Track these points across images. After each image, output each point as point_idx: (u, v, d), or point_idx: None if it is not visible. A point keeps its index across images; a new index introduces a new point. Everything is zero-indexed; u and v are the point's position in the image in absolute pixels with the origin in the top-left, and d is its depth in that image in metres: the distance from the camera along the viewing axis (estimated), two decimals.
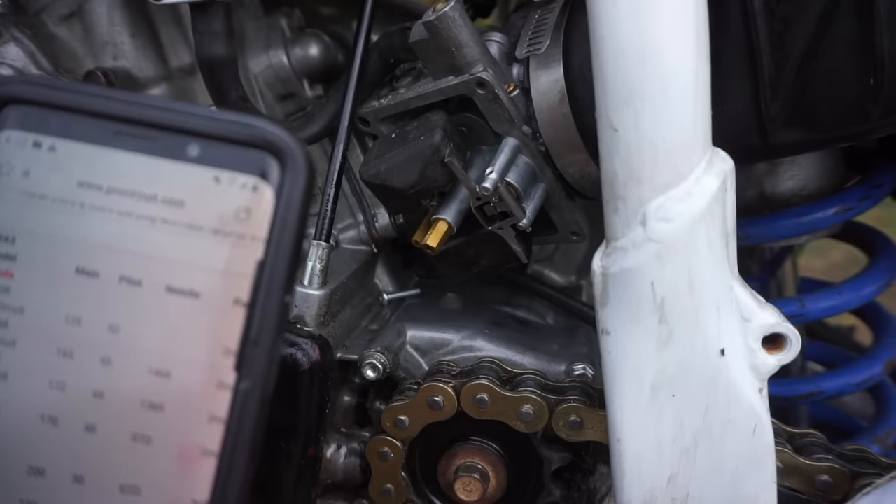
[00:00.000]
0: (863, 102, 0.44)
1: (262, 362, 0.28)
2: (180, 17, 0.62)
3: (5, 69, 0.56)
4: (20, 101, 0.28)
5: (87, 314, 0.28)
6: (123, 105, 0.28)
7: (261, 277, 0.28)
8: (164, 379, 0.28)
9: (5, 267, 0.28)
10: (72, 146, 0.28)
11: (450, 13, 0.51)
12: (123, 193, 0.28)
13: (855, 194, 0.63)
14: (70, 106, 0.28)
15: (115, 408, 0.28)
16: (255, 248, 0.28)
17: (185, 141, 0.28)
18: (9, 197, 0.28)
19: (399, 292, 0.71)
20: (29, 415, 0.28)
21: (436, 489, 0.62)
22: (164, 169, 0.28)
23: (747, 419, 0.43)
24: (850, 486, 0.49)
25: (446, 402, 0.56)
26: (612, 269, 0.42)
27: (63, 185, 0.28)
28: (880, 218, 0.73)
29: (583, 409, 0.54)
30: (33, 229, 0.28)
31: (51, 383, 0.28)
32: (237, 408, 0.27)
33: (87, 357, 0.28)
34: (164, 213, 0.28)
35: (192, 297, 0.28)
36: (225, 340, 0.28)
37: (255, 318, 0.28)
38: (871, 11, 0.41)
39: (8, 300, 0.28)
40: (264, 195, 0.28)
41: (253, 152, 0.28)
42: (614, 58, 0.39)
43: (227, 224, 0.28)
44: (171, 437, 0.28)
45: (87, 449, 0.28)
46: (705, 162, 0.40)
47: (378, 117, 0.60)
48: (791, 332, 0.42)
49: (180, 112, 0.28)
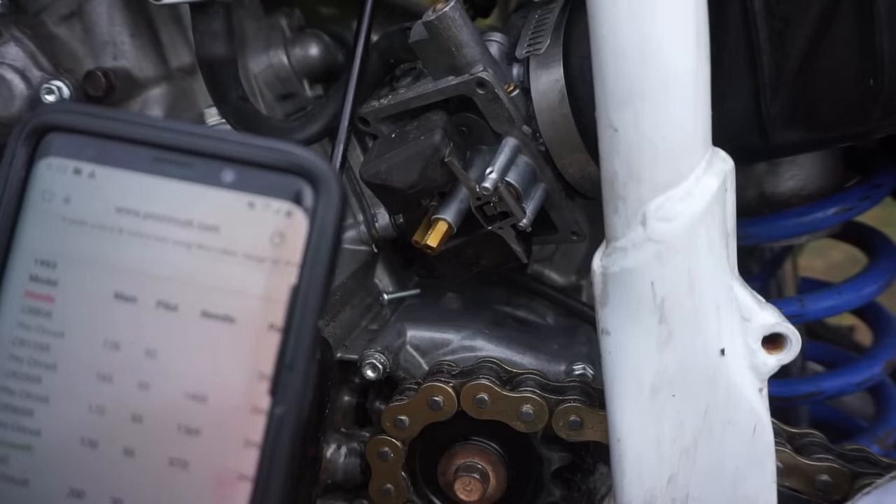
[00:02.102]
0: (863, 103, 0.44)
1: (296, 387, 0.28)
2: (180, 17, 0.62)
3: (5, 69, 0.56)
4: (60, 128, 0.29)
5: (126, 339, 0.28)
6: (160, 132, 0.29)
7: (295, 302, 0.28)
8: (200, 403, 0.28)
9: (47, 292, 0.28)
10: (110, 173, 0.29)
11: (450, 13, 0.51)
12: (160, 219, 0.28)
13: (855, 194, 0.63)
14: (108, 133, 0.29)
15: (152, 432, 0.28)
16: (289, 273, 0.28)
17: (220, 167, 0.28)
18: (50, 223, 0.28)
19: (399, 292, 0.71)
20: (69, 438, 0.28)
21: (436, 489, 0.62)
22: (200, 194, 0.28)
23: (747, 419, 0.43)
24: (850, 486, 0.49)
25: (446, 402, 0.56)
26: (612, 269, 0.42)
27: (102, 212, 0.28)
28: (880, 218, 0.73)
29: (583, 409, 0.54)
30: (74, 255, 0.28)
31: (90, 407, 0.28)
32: (272, 432, 0.28)
33: (126, 381, 0.28)
34: (200, 238, 0.28)
35: (227, 322, 0.28)
36: (260, 365, 0.28)
37: (289, 342, 0.28)
38: (871, 12, 0.41)
39: (49, 324, 0.28)
40: (298, 220, 0.28)
41: (287, 178, 0.28)
42: (614, 58, 0.39)
43: (262, 249, 0.28)
44: (208, 462, 0.28)
45: (126, 472, 0.28)
46: (705, 162, 0.40)
47: (378, 117, 0.60)
48: (791, 332, 0.42)
49: (215, 138, 0.29)
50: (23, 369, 0.28)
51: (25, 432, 0.28)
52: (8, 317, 0.28)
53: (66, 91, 0.57)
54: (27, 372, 0.28)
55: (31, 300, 0.28)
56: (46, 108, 0.29)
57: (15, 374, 0.28)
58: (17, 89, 0.56)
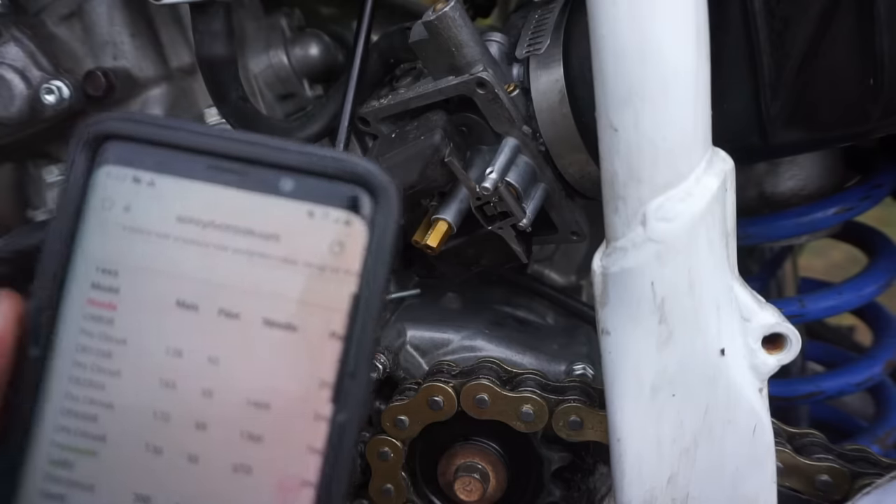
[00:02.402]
0: (863, 102, 0.44)
1: (357, 394, 0.28)
2: (180, 17, 0.62)
3: (5, 69, 0.56)
4: (119, 137, 0.29)
5: (188, 346, 0.28)
6: (219, 141, 0.29)
7: (356, 310, 0.28)
8: (263, 410, 0.28)
9: (109, 299, 0.28)
10: (170, 181, 0.29)
11: (450, 13, 0.50)
12: (220, 228, 0.28)
13: (855, 194, 0.63)
14: (168, 142, 0.29)
15: (216, 438, 0.28)
16: (349, 282, 0.28)
17: (280, 175, 0.28)
18: (111, 232, 0.29)
19: (399, 292, 0.71)
20: (134, 443, 0.28)
21: (436, 489, 0.62)
22: (260, 203, 0.28)
23: (747, 419, 0.43)
24: (850, 486, 0.49)
25: (446, 402, 0.56)
26: (612, 269, 0.42)
27: (162, 220, 0.28)
28: (880, 218, 0.73)
29: (583, 409, 0.54)
30: (135, 263, 0.28)
31: (155, 414, 0.28)
32: (334, 439, 0.28)
33: (189, 388, 0.28)
34: (260, 246, 0.28)
35: (289, 330, 0.28)
36: (322, 373, 0.28)
37: (350, 350, 0.28)
38: (872, 11, 0.41)
39: (112, 331, 0.28)
40: (357, 229, 0.28)
41: (346, 187, 0.28)
42: (614, 58, 0.39)
43: (322, 258, 0.28)
44: (271, 468, 0.28)
45: (190, 478, 0.28)
46: (705, 162, 0.40)
47: (378, 117, 0.60)
48: (791, 332, 0.42)
49: (275, 147, 0.29)
50: (86, 375, 0.28)
51: (90, 438, 0.28)
52: (71, 324, 0.29)
53: (66, 91, 0.57)
54: (91, 378, 0.28)
55: (93, 308, 0.28)
56: (103, 117, 0.29)
57: (79, 380, 0.28)
58: (16, 89, 0.56)
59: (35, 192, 0.66)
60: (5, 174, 0.67)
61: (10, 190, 0.67)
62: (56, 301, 0.29)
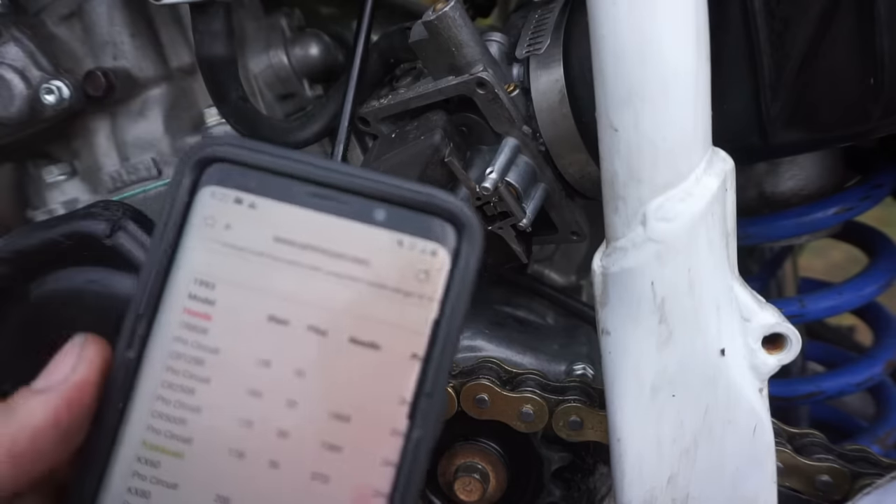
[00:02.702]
0: (863, 102, 0.44)
1: (432, 413, 0.29)
2: (180, 17, 0.62)
3: (5, 69, 0.56)
4: (224, 160, 0.31)
5: (277, 358, 0.30)
6: (318, 170, 0.30)
7: (436, 335, 0.30)
8: (343, 423, 0.29)
9: (205, 310, 0.30)
10: (270, 204, 0.30)
11: (450, 13, 0.50)
12: (315, 250, 0.30)
13: (855, 194, 0.63)
14: (270, 168, 0.30)
15: (297, 447, 0.29)
16: (432, 308, 0.30)
17: (373, 206, 0.30)
18: (212, 247, 0.30)
19: None
20: (219, 448, 0.29)
21: (436, 489, 0.62)
22: (353, 230, 0.30)
23: (747, 419, 0.43)
24: (851, 487, 0.49)
25: (446, 402, 0.56)
26: (612, 269, 0.42)
27: (260, 240, 0.30)
28: (880, 218, 0.73)
29: (583, 409, 0.54)
30: (232, 278, 0.30)
31: (240, 420, 0.30)
32: (408, 454, 0.29)
33: (275, 398, 0.30)
34: (351, 270, 0.30)
35: (372, 348, 0.30)
36: (401, 391, 0.29)
37: (429, 371, 0.29)
38: (872, 12, 0.41)
39: (205, 340, 0.30)
40: (442, 260, 0.30)
41: (435, 220, 0.30)
42: (614, 58, 0.39)
43: (408, 284, 0.30)
44: (348, 478, 0.29)
45: (271, 483, 0.29)
46: (705, 162, 0.40)
47: (378, 117, 0.60)
48: (791, 332, 0.42)
49: (371, 179, 0.30)
50: (178, 381, 0.30)
51: (177, 440, 0.30)
52: (167, 330, 0.30)
53: (66, 91, 0.57)
54: (182, 383, 0.30)
55: (189, 317, 0.30)
56: (210, 141, 0.31)
57: (171, 384, 0.30)
58: (16, 89, 0.56)
59: (35, 192, 0.66)
60: (5, 174, 0.67)
61: (10, 190, 0.67)
62: (154, 308, 0.30)
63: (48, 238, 0.54)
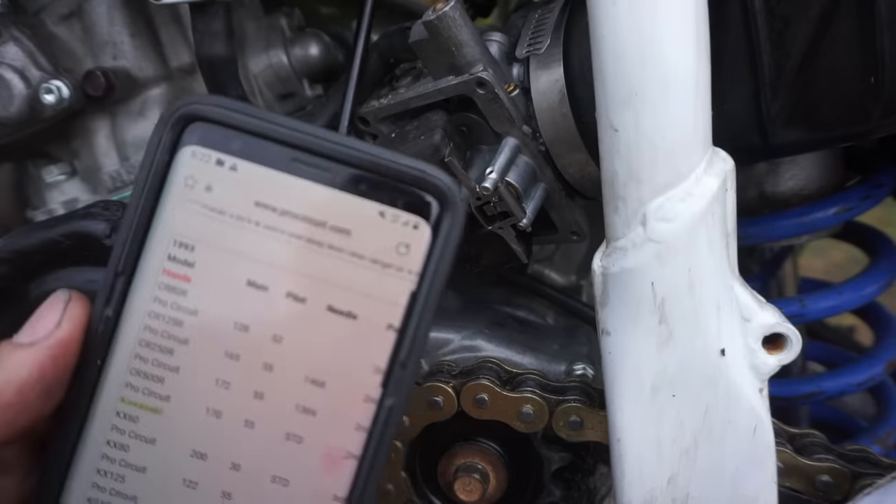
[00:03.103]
0: (863, 102, 0.43)
1: (405, 383, 0.30)
2: (180, 17, 0.62)
3: (4, 69, 0.56)
4: (206, 119, 0.30)
5: (254, 323, 0.30)
6: (302, 135, 0.30)
7: (412, 307, 0.30)
8: (318, 388, 0.30)
9: (184, 272, 0.30)
10: (252, 168, 0.30)
11: (450, 13, 0.50)
12: (296, 217, 0.30)
13: (855, 194, 0.63)
14: (253, 130, 0.30)
15: (273, 408, 0.30)
16: (410, 281, 0.30)
17: (358, 175, 0.30)
18: (192, 209, 0.30)
19: None
20: (196, 407, 0.30)
21: (436, 489, 0.62)
22: (335, 199, 0.30)
23: (748, 419, 0.43)
24: (851, 487, 0.49)
25: (446, 402, 0.56)
26: (612, 269, 0.42)
27: (242, 203, 0.30)
28: (881, 218, 0.73)
29: (583, 410, 0.54)
30: (211, 240, 0.30)
31: (217, 381, 0.30)
32: (380, 420, 0.30)
33: (252, 361, 0.30)
34: (332, 239, 0.30)
35: (350, 318, 0.30)
36: (375, 360, 0.30)
37: (404, 342, 0.30)
38: (872, 11, 0.41)
39: (184, 302, 0.30)
40: (423, 233, 0.30)
41: (418, 194, 0.30)
42: (614, 58, 0.39)
43: (388, 256, 0.30)
44: (321, 439, 0.30)
45: (246, 441, 0.30)
46: (705, 162, 0.40)
47: (378, 117, 0.60)
48: (791, 332, 0.42)
49: (356, 148, 0.30)
50: (156, 340, 0.30)
51: (156, 397, 0.30)
52: (145, 290, 0.30)
53: (66, 91, 0.57)
54: (160, 343, 0.30)
55: (168, 278, 0.30)
56: (190, 99, 0.30)
57: (149, 343, 0.30)
58: (16, 89, 0.56)
59: (34, 192, 0.66)
60: (5, 174, 0.67)
61: (10, 190, 0.67)
62: (133, 267, 0.30)
63: (48, 238, 0.54)
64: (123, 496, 0.31)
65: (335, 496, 0.31)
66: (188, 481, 0.30)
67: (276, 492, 0.31)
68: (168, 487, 0.30)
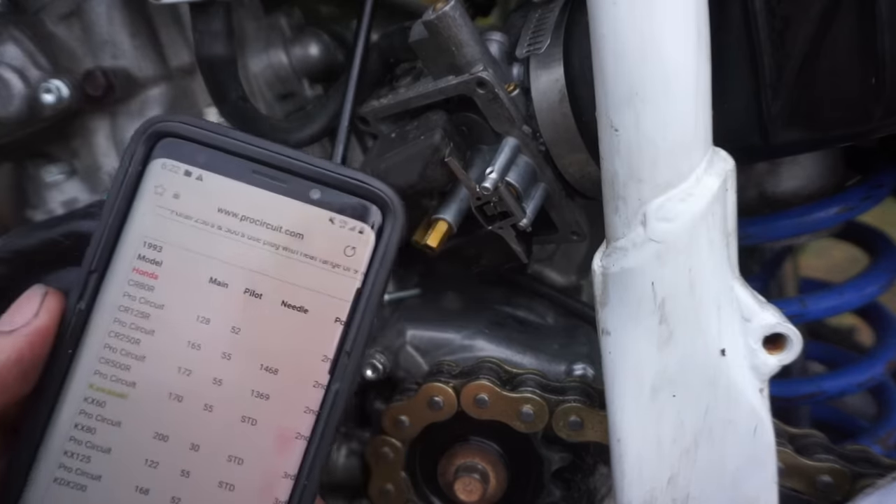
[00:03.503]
0: (864, 102, 0.43)
1: (351, 369, 0.34)
2: (180, 17, 0.62)
3: (4, 69, 0.56)
4: (176, 136, 0.34)
5: (215, 316, 0.34)
6: (261, 150, 0.34)
7: (357, 302, 0.34)
8: (272, 375, 0.34)
9: (152, 270, 0.34)
10: (216, 178, 0.34)
11: (450, 12, 0.50)
12: (254, 222, 0.34)
13: (856, 194, 0.63)
14: (218, 145, 0.34)
15: (230, 393, 0.33)
16: (356, 279, 0.34)
17: (310, 186, 0.34)
18: (161, 213, 0.34)
19: (399, 292, 0.71)
20: (160, 391, 0.33)
21: (436, 489, 0.62)
22: (290, 206, 0.34)
23: (748, 419, 0.43)
24: (852, 487, 0.49)
25: (446, 402, 0.56)
26: (613, 269, 0.42)
27: (206, 210, 0.34)
28: (881, 218, 0.73)
29: (583, 410, 0.54)
30: (178, 242, 0.34)
31: (180, 368, 0.33)
32: (328, 403, 0.34)
33: (212, 350, 0.33)
34: (286, 242, 0.34)
35: (301, 312, 0.34)
36: (324, 349, 0.34)
37: (349, 334, 0.34)
38: (873, 11, 0.41)
39: (151, 297, 0.33)
40: (368, 238, 0.34)
41: (363, 202, 0.34)
42: (614, 58, 0.38)
43: (336, 257, 0.34)
44: (273, 421, 0.34)
45: (205, 424, 0.33)
46: (706, 162, 0.40)
47: (378, 117, 0.60)
48: (792, 332, 0.42)
49: (309, 162, 0.34)
50: (125, 331, 0.33)
51: (122, 383, 0.33)
52: (116, 286, 0.33)
53: (65, 90, 0.57)
54: (128, 334, 0.33)
55: (137, 275, 0.34)
56: (163, 117, 0.34)
57: (118, 334, 0.33)
58: (15, 89, 0.56)
59: (34, 192, 0.66)
60: (4, 174, 0.67)
61: (9, 190, 0.67)
62: (105, 265, 0.33)
63: (47, 238, 0.54)
64: (89, 475, 0.33)
65: (285, 473, 0.33)
66: (150, 461, 0.33)
67: (232, 470, 0.33)
68: (131, 467, 0.33)
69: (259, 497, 0.33)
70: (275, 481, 0.33)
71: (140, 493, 0.33)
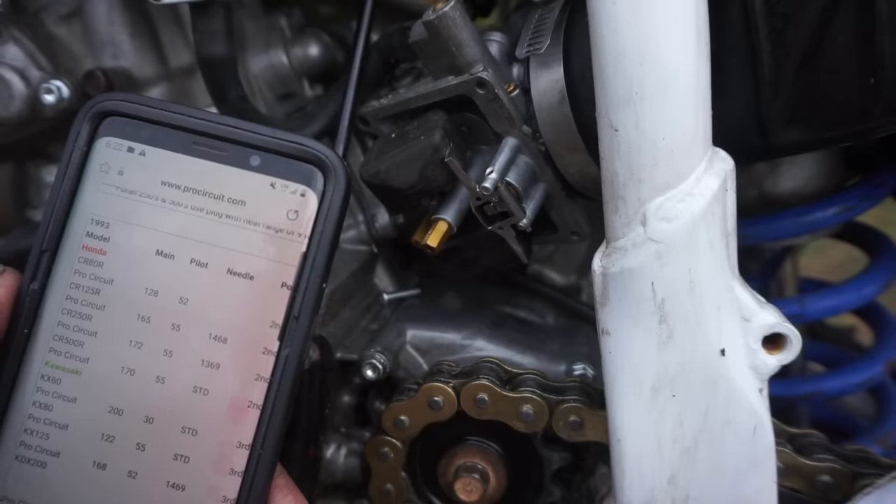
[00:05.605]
0: (864, 101, 0.43)
1: (300, 334, 0.34)
2: (180, 17, 0.62)
3: (4, 69, 0.56)
4: (118, 114, 0.35)
5: (163, 288, 0.34)
6: (200, 121, 0.34)
7: (304, 266, 0.34)
8: (221, 343, 0.34)
9: (100, 246, 0.34)
10: (158, 152, 0.34)
11: (450, 13, 0.50)
12: (197, 192, 0.34)
13: (855, 194, 0.63)
14: (158, 120, 0.34)
15: (181, 364, 0.34)
16: (301, 243, 0.34)
17: (249, 153, 0.34)
18: (106, 190, 0.34)
19: (399, 292, 0.71)
20: (112, 366, 0.34)
21: (436, 489, 0.62)
22: (231, 174, 0.34)
23: (748, 419, 0.43)
24: (851, 487, 0.49)
25: (446, 402, 0.56)
26: (612, 269, 0.42)
27: (149, 184, 0.34)
28: (880, 218, 0.73)
29: (583, 410, 0.54)
30: (124, 217, 0.34)
31: (131, 342, 0.34)
32: (279, 370, 0.33)
33: (162, 322, 0.34)
34: (229, 210, 0.34)
35: (247, 279, 0.34)
36: (272, 315, 0.34)
37: (297, 298, 0.34)
38: (872, 10, 0.41)
39: (101, 273, 0.34)
40: (310, 200, 0.34)
41: (303, 165, 0.34)
42: (614, 58, 0.38)
43: (279, 222, 0.34)
44: (225, 391, 0.33)
45: (157, 395, 0.33)
46: (705, 161, 0.40)
47: (378, 117, 0.60)
48: (791, 332, 0.42)
49: (247, 129, 0.34)
50: (76, 308, 0.34)
51: (76, 359, 0.34)
52: (66, 264, 0.34)
53: (66, 91, 0.57)
54: (80, 310, 0.34)
55: (86, 252, 0.34)
56: (105, 97, 0.35)
57: (70, 311, 0.34)
58: (15, 89, 0.56)
59: (34, 192, 0.66)
60: (5, 174, 0.67)
61: (10, 190, 0.67)
62: (55, 244, 0.34)
63: None
64: (48, 452, 0.33)
65: (240, 443, 0.33)
66: (106, 435, 0.33)
67: (186, 441, 0.33)
68: (88, 442, 0.33)
69: (214, 468, 0.33)
70: (230, 451, 0.33)
71: (98, 468, 0.33)
